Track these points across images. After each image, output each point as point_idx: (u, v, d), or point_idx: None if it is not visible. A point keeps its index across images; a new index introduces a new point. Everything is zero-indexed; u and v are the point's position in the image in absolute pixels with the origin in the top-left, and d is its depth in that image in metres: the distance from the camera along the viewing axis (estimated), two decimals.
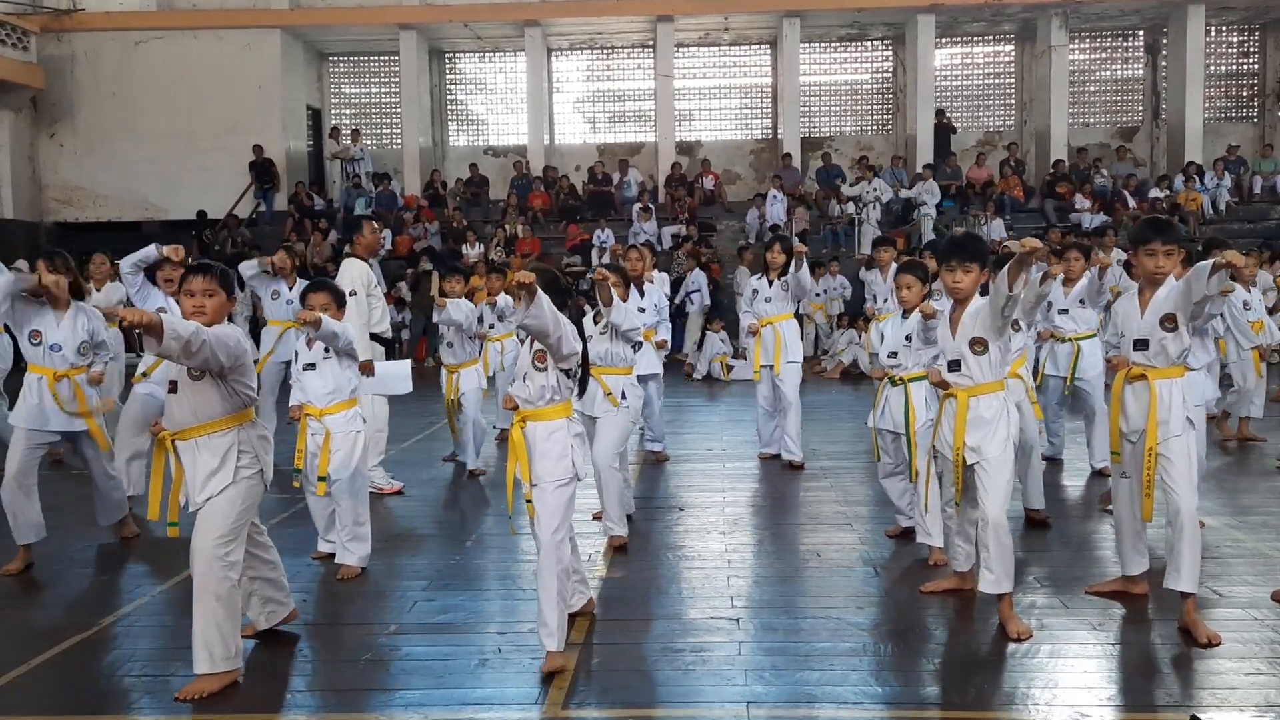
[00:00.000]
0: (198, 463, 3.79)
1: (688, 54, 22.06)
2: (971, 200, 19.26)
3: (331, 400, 5.18)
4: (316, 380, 5.18)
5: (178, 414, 3.79)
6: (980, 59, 22.24)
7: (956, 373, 4.38)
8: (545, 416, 4.04)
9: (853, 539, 5.80)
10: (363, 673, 4.01)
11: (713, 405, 11.80)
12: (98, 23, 19.75)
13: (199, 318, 3.68)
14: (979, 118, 22.26)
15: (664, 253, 17.55)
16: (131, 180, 19.85)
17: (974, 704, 3.66)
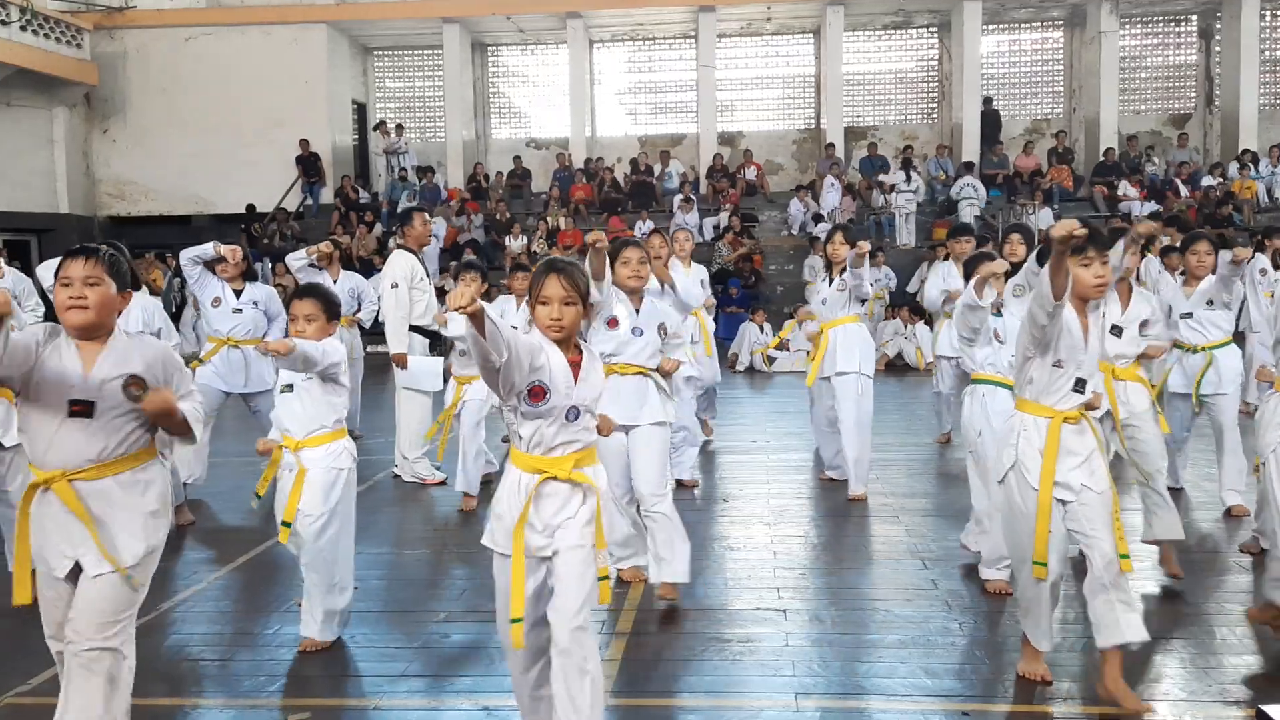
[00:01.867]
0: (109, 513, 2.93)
1: (730, 44, 21.97)
2: (1019, 189, 19.02)
3: (311, 431, 4.10)
4: (295, 405, 4.13)
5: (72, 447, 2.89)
6: (1028, 46, 21.93)
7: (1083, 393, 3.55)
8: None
9: (900, 532, 5.77)
10: (416, 659, 4.06)
11: (756, 397, 11.78)
12: (149, 20, 20.05)
13: (76, 314, 2.87)
14: (1026, 105, 21.96)
15: (705, 244, 17.53)
16: (181, 174, 20.15)
17: (1025, 699, 3.63)
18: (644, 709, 3.60)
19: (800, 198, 19.00)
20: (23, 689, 3.79)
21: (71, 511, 2.87)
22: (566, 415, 2.98)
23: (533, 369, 2.91)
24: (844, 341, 6.51)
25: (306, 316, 4.11)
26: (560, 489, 3.01)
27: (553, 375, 2.95)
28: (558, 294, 2.96)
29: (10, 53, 17.32)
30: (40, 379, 2.85)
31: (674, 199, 18.89)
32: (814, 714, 3.51)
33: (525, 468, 3.02)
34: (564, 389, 2.96)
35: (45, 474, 2.88)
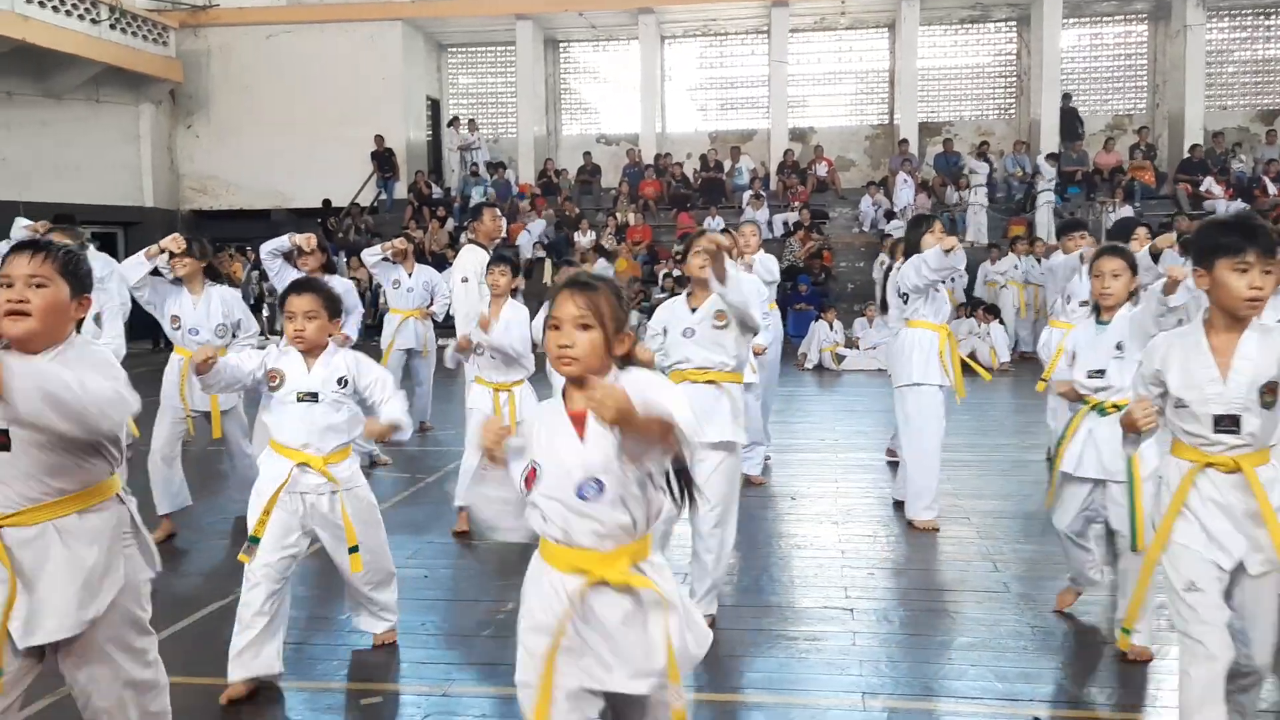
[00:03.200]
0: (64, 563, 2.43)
1: (802, 39, 21.79)
2: (1099, 186, 18.60)
3: (339, 445, 3.74)
4: (317, 417, 3.68)
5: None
6: (1110, 40, 21.40)
7: (1227, 432, 2.81)
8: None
9: (970, 533, 5.69)
10: (484, 647, 4.12)
11: (825, 395, 11.69)
12: (231, 18, 20.53)
13: (17, 323, 2.35)
14: (1108, 101, 21.44)
15: (775, 240, 17.44)
16: (261, 169, 20.60)
17: (1098, 704, 3.57)
18: (709, 704, 3.60)
19: (872, 194, 18.80)
20: None
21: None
22: (581, 492, 2.22)
23: (529, 444, 2.27)
24: (899, 348, 5.99)
25: (306, 314, 3.68)
26: (615, 599, 2.25)
27: (546, 449, 2.25)
28: (570, 315, 2.24)
29: (100, 50, 17.87)
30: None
31: (744, 195, 18.83)
32: (881, 714, 3.49)
33: (562, 566, 2.27)
34: (560, 460, 2.23)
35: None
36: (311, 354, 3.73)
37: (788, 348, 11.42)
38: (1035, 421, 8.67)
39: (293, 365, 3.70)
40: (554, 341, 2.25)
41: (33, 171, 17.54)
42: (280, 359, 3.71)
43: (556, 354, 2.25)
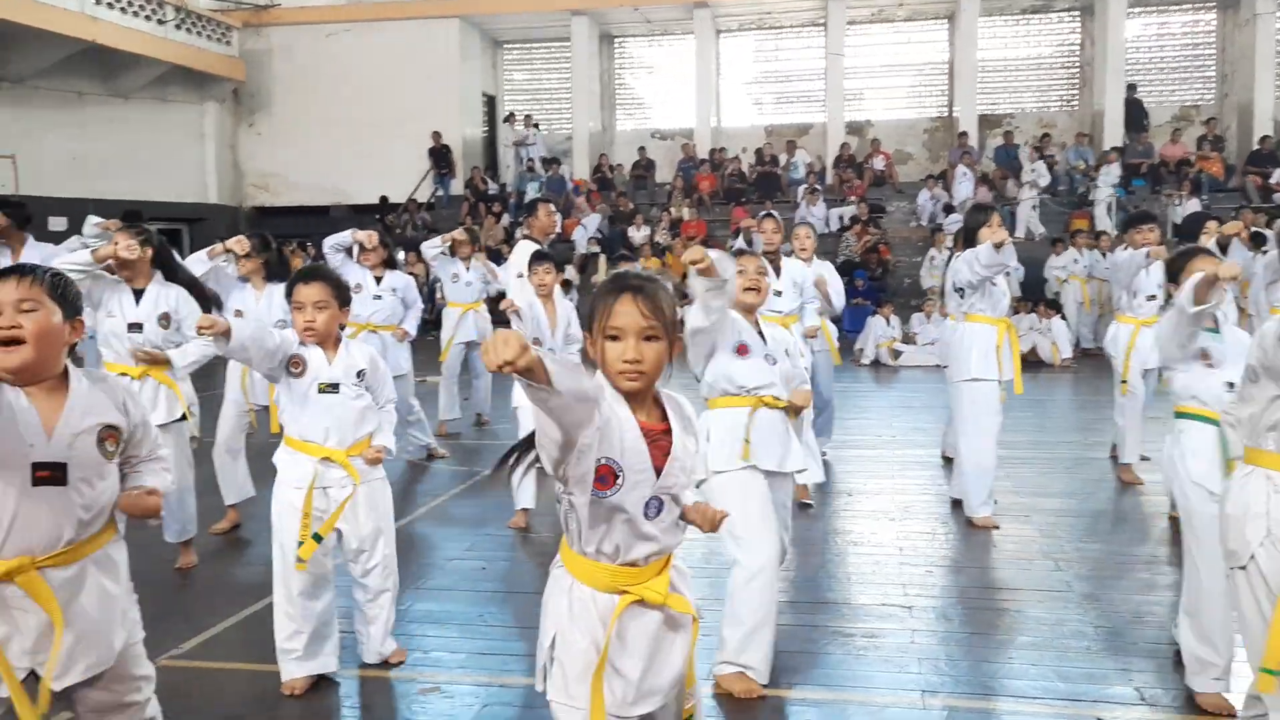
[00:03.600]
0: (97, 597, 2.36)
1: (859, 31, 21.59)
2: (1165, 179, 18.19)
3: (359, 437, 3.70)
4: (340, 408, 3.65)
5: (41, 525, 2.27)
6: (1177, 29, 20.91)
7: None
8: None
9: (1032, 531, 5.61)
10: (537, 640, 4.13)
11: (881, 391, 11.58)
12: (293, 17, 20.85)
13: (11, 355, 2.22)
14: (1174, 92, 20.96)
15: (831, 235, 17.31)
16: (321, 166, 20.90)
17: (1163, 705, 3.49)
18: (766, 699, 3.58)
19: (930, 188, 18.57)
20: (175, 652, 4.01)
21: (42, 608, 2.25)
22: (645, 510, 2.12)
23: (601, 437, 2.05)
24: (955, 341, 5.89)
25: (316, 304, 3.59)
26: (652, 619, 2.18)
27: (624, 451, 2.09)
28: (635, 324, 2.08)
29: (166, 50, 18.25)
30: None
31: (799, 189, 18.71)
32: (941, 712, 3.45)
33: (597, 584, 2.15)
34: (638, 473, 2.10)
35: (5, 564, 2.22)
36: (328, 345, 3.68)
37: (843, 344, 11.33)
38: (1098, 419, 8.53)
39: (314, 355, 3.64)
40: (617, 355, 2.09)
41: (103, 169, 17.97)
42: (302, 347, 3.65)
43: (621, 369, 2.09)
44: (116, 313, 4.71)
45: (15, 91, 16.75)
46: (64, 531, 2.27)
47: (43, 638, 2.26)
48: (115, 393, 2.43)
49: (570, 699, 2.15)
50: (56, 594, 2.26)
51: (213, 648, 4.13)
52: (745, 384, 3.67)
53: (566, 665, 2.16)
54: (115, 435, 2.36)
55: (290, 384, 3.64)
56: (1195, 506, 3.46)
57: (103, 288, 4.66)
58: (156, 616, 2.59)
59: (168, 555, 5.12)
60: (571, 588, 2.18)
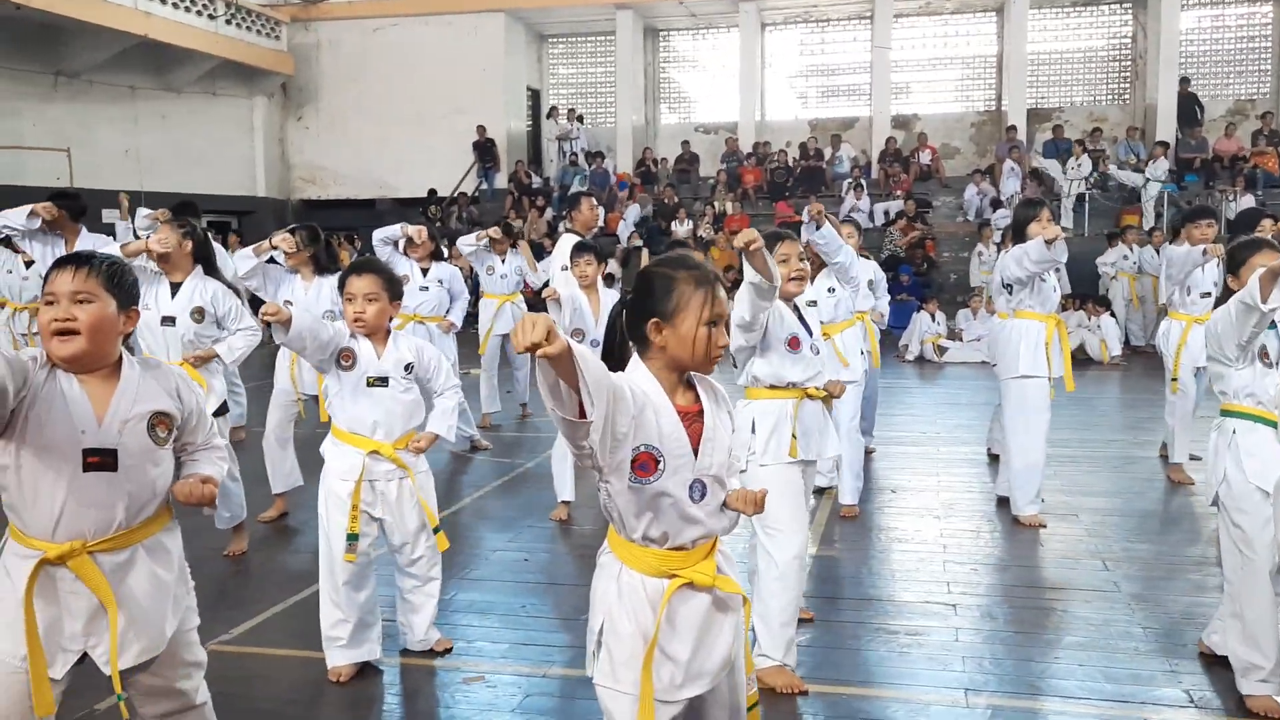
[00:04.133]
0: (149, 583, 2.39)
1: (907, 24, 21.38)
2: (1218, 174, 17.84)
3: (407, 429, 3.73)
4: (390, 401, 3.68)
5: (92, 510, 2.29)
6: (1232, 21, 20.47)
7: None
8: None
9: (1079, 530, 5.54)
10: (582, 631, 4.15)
11: (926, 387, 11.49)
12: (340, 12, 21.05)
13: (66, 344, 2.25)
14: (1229, 85, 20.52)
15: (875, 230, 17.19)
16: (367, 160, 21.09)
17: (1213, 709, 3.44)
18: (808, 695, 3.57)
19: (977, 182, 18.37)
20: (225, 638, 4.08)
21: (93, 592, 2.28)
22: (690, 493, 2.14)
23: (638, 426, 2.08)
24: (1002, 338, 5.83)
25: (367, 296, 3.62)
26: (701, 602, 2.20)
27: (662, 436, 2.11)
28: (727, 312, 2.21)
29: (217, 45, 18.52)
30: (37, 422, 2.22)
31: (844, 184, 18.59)
32: (984, 712, 3.42)
33: (646, 569, 2.16)
34: (678, 457, 2.12)
35: (58, 547, 2.24)
36: (377, 338, 3.70)
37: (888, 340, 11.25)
38: (1147, 417, 8.41)
39: (364, 348, 3.67)
40: (715, 341, 2.15)
41: (154, 162, 18.29)
42: (353, 340, 3.68)
43: (716, 354, 2.16)
44: (152, 305, 4.77)
45: (71, 86, 17.08)
46: (115, 516, 2.28)
47: (93, 621, 2.29)
48: (168, 380, 2.44)
49: (616, 683, 2.16)
50: (108, 578, 2.28)
51: (261, 633, 4.19)
52: (795, 379, 3.64)
53: (614, 650, 2.16)
54: (167, 422, 2.37)
55: (340, 376, 3.67)
56: (1247, 507, 3.39)
57: (143, 279, 4.71)
58: (206, 602, 2.63)
59: (218, 542, 5.21)
60: (620, 574, 2.19)
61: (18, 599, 2.23)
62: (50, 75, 16.78)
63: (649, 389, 2.12)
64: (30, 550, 2.25)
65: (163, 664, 2.43)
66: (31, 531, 2.26)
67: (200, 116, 19.47)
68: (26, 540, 2.27)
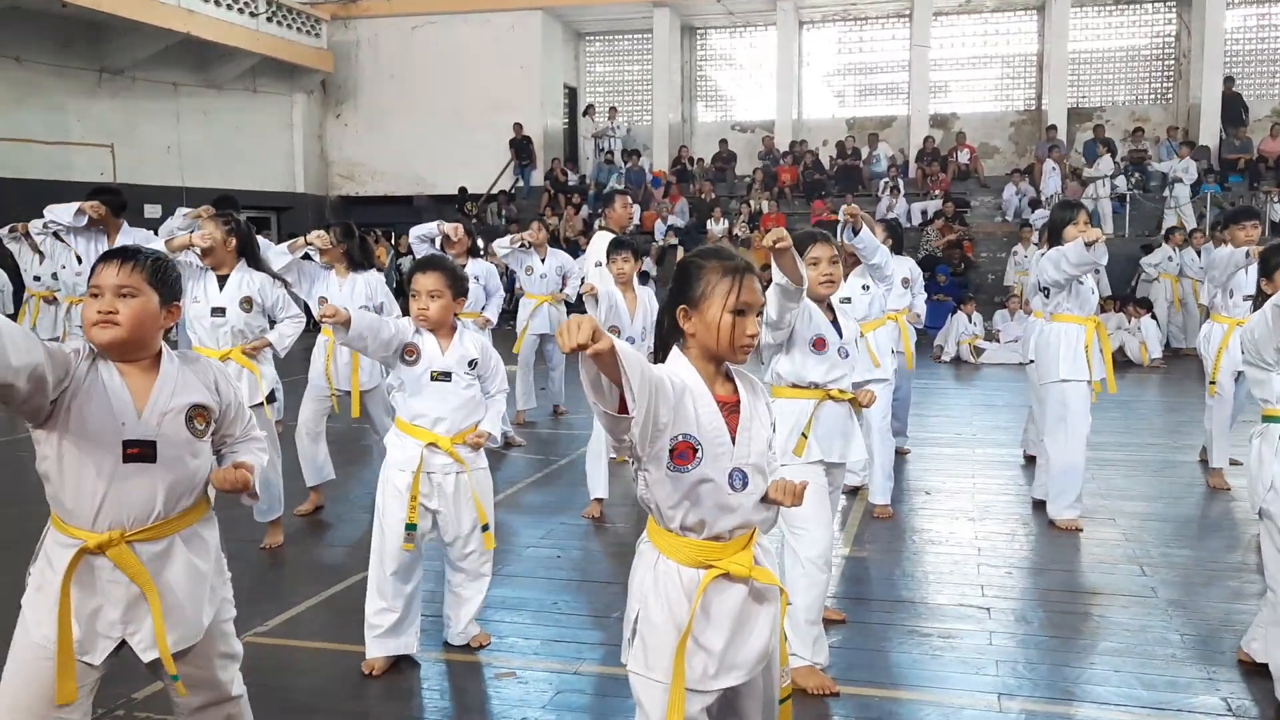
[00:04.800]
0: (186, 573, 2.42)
1: (946, 22, 21.22)
2: (1263, 175, 17.55)
3: (466, 424, 3.77)
4: (452, 396, 3.73)
5: (131, 500, 2.33)
6: (1279, 20, 20.14)
7: None
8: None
9: (1116, 534, 5.48)
10: (614, 628, 4.17)
11: (962, 389, 11.40)
12: (379, 9, 21.20)
13: (104, 331, 2.30)
14: (1275, 85, 20.18)
15: (913, 229, 17.07)
16: (405, 157, 21.24)
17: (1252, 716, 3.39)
18: (839, 696, 3.56)
19: (1016, 182, 18.19)
20: (260, 629, 4.13)
21: (131, 581, 2.32)
22: (730, 482, 2.17)
23: (676, 416, 2.11)
24: (1045, 341, 5.75)
25: (430, 293, 3.69)
26: (737, 593, 2.21)
27: (700, 426, 2.14)
28: (757, 301, 2.23)
29: (258, 42, 18.72)
30: (79, 413, 2.26)
31: (881, 183, 18.48)
32: (1018, 716, 3.39)
33: (682, 559, 2.18)
34: (718, 446, 2.15)
35: (97, 536, 2.29)
36: (441, 333, 3.75)
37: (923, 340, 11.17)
38: (1187, 421, 8.30)
39: (428, 343, 3.72)
40: (743, 329, 2.18)
41: (195, 158, 18.52)
42: (416, 335, 3.73)
43: (745, 343, 2.19)
44: (201, 298, 4.92)
45: (115, 83, 17.33)
46: (154, 507, 2.33)
47: (131, 609, 2.34)
48: (206, 373, 2.48)
49: (649, 670, 2.18)
50: (146, 568, 2.32)
51: (297, 626, 4.24)
52: (816, 379, 3.63)
53: (648, 638, 2.19)
54: (205, 415, 2.41)
55: (403, 370, 3.71)
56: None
57: (189, 274, 4.84)
58: (242, 595, 2.65)
59: (254, 535, 5.27)
60: (657, 563, 2.21)
61: (58, 586, 2.28)
62: (95, 72, 17.04)
63: (688, 379, 2.16)
64: (71, 539, 2.29)
65: (199, 654, 2.47)
66: (72, 520, 2.30)
67: (241, 113, 19.70)
68: (67, 529, 2.31)
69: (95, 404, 2.27)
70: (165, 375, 2.38)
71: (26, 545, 2.47)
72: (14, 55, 15.62)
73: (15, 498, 6.28)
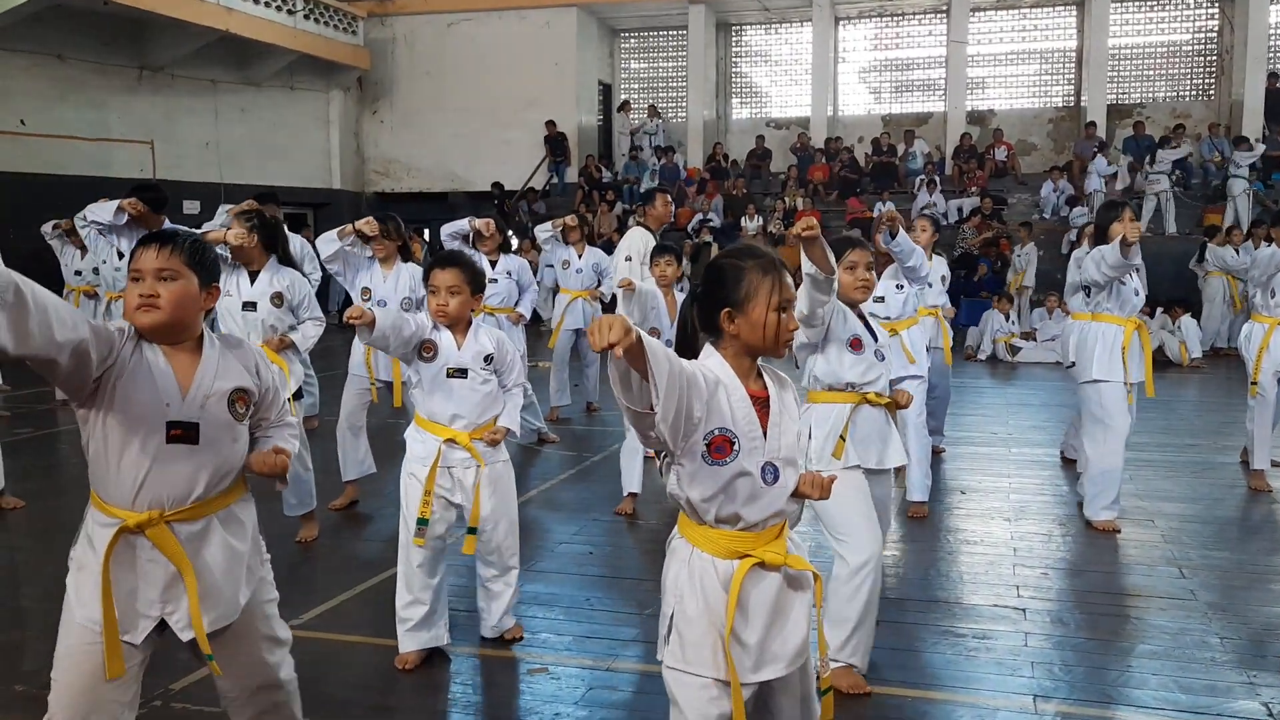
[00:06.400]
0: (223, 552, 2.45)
1: (983, 18, 21.03)
2: None
3: (483, 420, 3.79)
4: (469, 392, 3.74)
5: (172, 481, 2.36)
6: None
7: None
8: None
9: (1154, 536, 5.41)
10: (646, 625, 4.18)
11: (998, 388, 11.30)
12: (416, 6, 21.32)
13: (146, 314, 2.33)
14: None
15: (949, 227, 16.93)
16: (440, 153, 21.35)
17: None
18: (872, 696, 3.54)
19: (1054, 179, 17.99)
20: (295, 623, 4.14)
21: (169, 560, 2.36)
22: (763, 475, 2.20)
23: (710, 411, 2.15)
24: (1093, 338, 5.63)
25: (450, 288, 3.70)
26: (772, 582, 2.23)
27: (735, 420, 2.18)
28: (793, 295, 2.28)
29: (295, 39, 18.88)
30: (124, 394, 2.30)
31: (917, 180, 18.34)
32: (1053, 719, 3.36)
33: (717, 550, 2.20)
34: (751, 440, 2.19)
35: (137, 516, 2.32)
36: (459, 329, 3.77)
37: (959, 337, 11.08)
38: (1228, 421, 8.18)
39: (445, 340, 3.74)
40: (785, 325, 2.23)
41: (234, 155, 18.72)
42: (434, 332, 3.75)
43: (788, 338, 2.24)
44: (233, 292, 5.02)
45: (154, 80, 17.55)
46: (194, 488, 2.36)
47: (169, 589, 2.37)
48: (248, 357, 2.51)
49: (686, 665, 2.19)
50: (184, 547, 2.35)
51: (331, 620, 4.28)
52: (854, 380, 3.60)
53: (685, 634, 2.20)
54: (246, 398, 2.45)
55: (420, 367, 3.74)
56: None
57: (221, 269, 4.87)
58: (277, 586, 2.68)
59: (290, 528, 5.32)
60: (691, 557, 2.23)
61: (99, 565, 2.32)
62: (135, 69, 17.26)
63: (722, 375, 2.19)
64: (110, 518, 2.33)
65: (239, 635, 2.49)
66: (112, 500, 2.34)
67: (279, 110, 19.88)
68: (107, 509, 2.34)
69: (140, 385, 2.30)
70: (208, 359, 2.41)
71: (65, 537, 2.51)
72: (56, 53, 15.85)
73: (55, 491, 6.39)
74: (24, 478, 6.20)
